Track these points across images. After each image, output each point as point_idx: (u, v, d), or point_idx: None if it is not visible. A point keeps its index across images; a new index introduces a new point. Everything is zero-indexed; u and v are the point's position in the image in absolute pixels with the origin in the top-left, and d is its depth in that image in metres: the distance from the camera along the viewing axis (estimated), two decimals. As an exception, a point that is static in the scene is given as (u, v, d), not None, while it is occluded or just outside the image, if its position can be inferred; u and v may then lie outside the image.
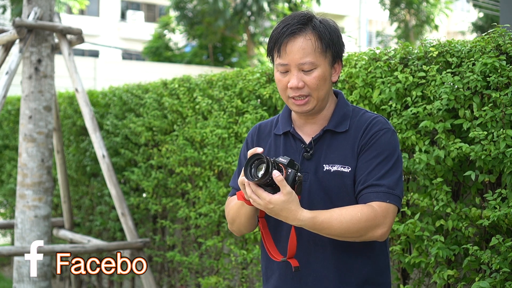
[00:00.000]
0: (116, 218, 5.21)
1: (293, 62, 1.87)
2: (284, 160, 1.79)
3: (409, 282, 2.93)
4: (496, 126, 2.41)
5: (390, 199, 1.84)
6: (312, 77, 1.88)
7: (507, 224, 2.40)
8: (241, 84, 3.82)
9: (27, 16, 4.75)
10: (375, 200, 1.83)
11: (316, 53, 1.87)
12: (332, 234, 1.81)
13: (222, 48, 21.23)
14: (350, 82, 3.06)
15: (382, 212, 1.82)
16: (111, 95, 5.38)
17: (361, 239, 1.84)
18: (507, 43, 2.45)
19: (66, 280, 5.82)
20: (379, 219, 1.82)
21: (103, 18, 30.28)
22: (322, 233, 1.81)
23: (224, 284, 4.01)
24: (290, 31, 1.87)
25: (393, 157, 1.89)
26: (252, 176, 1.76)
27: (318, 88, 1.89)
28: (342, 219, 1.79)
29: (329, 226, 1.79)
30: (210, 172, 4.08)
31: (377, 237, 1.84)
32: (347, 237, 1.82)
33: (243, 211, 1.95)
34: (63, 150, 5.27)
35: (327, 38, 1.88)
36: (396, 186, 1.86)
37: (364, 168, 1.87)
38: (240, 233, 2.08)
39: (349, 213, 1.80)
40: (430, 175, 2.67)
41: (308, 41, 1.87)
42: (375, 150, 1.88)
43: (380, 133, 1.90)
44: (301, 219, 1.77)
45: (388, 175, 1.86)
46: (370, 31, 31.94)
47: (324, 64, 1.89)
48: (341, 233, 1.80)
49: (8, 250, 4.23)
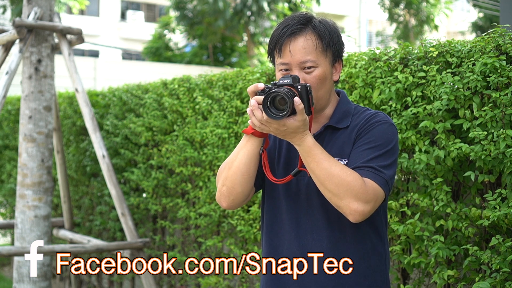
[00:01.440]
0: (116, 218, 5.21)
1: (294, 61, 1.89)
2: (287, 80, 1.79)
3: (409, 282, 2.93)
4: (496, 126, 2.41)
5: (377, 180, 1.81)
6: (312, 76, 1.89)
7: (507, 224, 2.40)
8: (241, 84, 3.82)
9: (27, 16, 4.75)
10: (364, 176, 1.81)
11: (317, 52, 1.89)
12: (316, 173, 1.79)
13: (222, 48, 21.24)
14: (350, 82, 3.07)
15: (368, 189, 1.78)
16: (111, 95, 5.38)
17: (336, 202, 1.79)
18: (507, 43, 2.45)
19: (66, 280, 5.82)
20: (362, 193, 1.77)
21: (103, 18, 30.28)
22: (309, 166, 1.80)
23: (224, 284, 4.01)
24: (291, 31, 1.89)
25: (386, 147, 1.87)
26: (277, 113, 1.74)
27: (319, 87, 1.90)
28: (333, 165, 1.78)
29: (318, 161, 1.78)
30: (210, 172, 4.08)
31: (352, 210, 1.77)
32: (326, 187, 1.78)
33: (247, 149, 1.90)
34: (63, 150, 5.26)
35: (327, 38, 1.91)
36: (387, 171, 1.83)
37: (354, 154, 1.87)
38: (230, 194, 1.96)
39: (341, 168, 1.78)
40: (430, 175, 2.67)
41: (309, 41, 1.89)
42: (368, 138, 1.88)
43: (376, 124, 1.90)
44: (304, 143, 1.79)
45: (378, 160, 1.84)
46: (370, 31, 31.95)
47: (324, 63, 1.91)
48: (324, 177, 1.78)
49: (8, 250, 4.23)
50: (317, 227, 1.91)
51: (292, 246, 1.94)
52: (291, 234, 1.94)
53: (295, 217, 1.95)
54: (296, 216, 1.94)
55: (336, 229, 1.90)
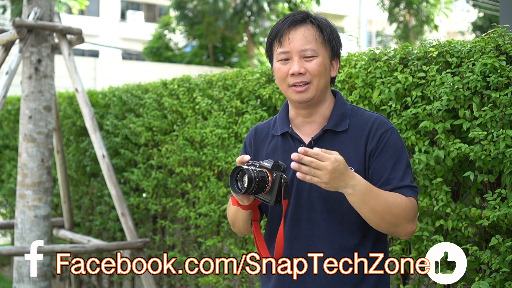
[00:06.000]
0: (116, 218, 5.22)
1: (294, 49, 1.89)
2: (268, 164, 1.80)
3: (409, 282, 2.93)
4: (496, 126, 2.41)
5: (415, 196, 1.88)
6: (313, 63, 1.90)
7: (507, 224, 2.40)
8: (241, 84, 3.82)
9: (27, 16, 4.76)
10: (409, 196, 1.86)
11: (317, 42, 1.90)
12: (374, 209, 1.78)
13: (222, 48, 21.23)
14: (350, 82, 3.06)
15: (413, 207, 1.86)
16: (111, 95, 5.38)
17: (391, 230, 1.84)
18: (507, 43, 2.45)
19: (66, 280, 5.82)
20: (413, 213, 1.85)
21: (103, 18, 30.27)
22: (366, 205, 1.77)
23: (224, 284, 4.01)
24: (292, 21, 1.91)
25: (404, 156, 1.92)
26: (239, 188, 1.78)
27: (319, 75, 1.90)
28: (387, 197, 1.80)
29: (377, 197, 1.77)
30: (210, 172, 4.08)
31: (408, 233, 1.85)
32: (384, 220, 1.80)
33: (240, 215, 1.98)
34: (63, 150, 5.27)
35: (328, 31, 1.93)
36: (414, 183, 1.91)
37: (381, 172, 1.88)
38: (241, 234, 2.12)
39: (392, 195, 1.82)
40: (430, 175, 2.67)
41: (310, 31, 1.91)
42: (387, 153, 1.90)
43: (387, 135, 1.92)
44: (358, 178, 1.75)
45: (406, 176, 1.89)
46: (370, 31, 31.93)
47: (324, 54, 1.92)
48: (383, 212, 1.78)
49: (8, 250, 4.23)
50: (318, 233, 1.91)
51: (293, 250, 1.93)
52: (291, 239, 1.94)
53: (296, 223, 1.94)
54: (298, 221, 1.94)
55: (338, 236, 1.90)
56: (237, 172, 1.79)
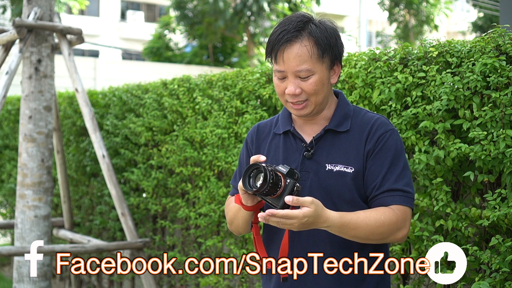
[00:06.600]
0: (116, 218, 5.22)
1: (289, 69, 1.87)
2: (284, 169, 1.78)
3: (409, 282, 2.93)
4: (496, 126, 2.41)
5: (406, 202, 1.88)
6: (309, 83, 1.88)
7: (507, 224, 2.40)
8: (241, 85, 3.82)
9: (27, 16, 4.75)
10: (393, 204, 1.87)
11: (312, 59, 1.86)
12: (357, 236, 1.83)
13: (222, 48, 21.23)
14: (350, 82, 3.06)
15: (401, 215, 1.86)
16: (111, 95, 5.38)
17: (383, 242, 1.88)
18: (507, 43, 2.45)
19: (66, 280, 5.82)
20: (400, 222, 1.86)
21: (103, 18, 30.28)
22: (347, 235, 1.82)
23: (224, 284, 4.01)
24: (286, 38, 1.86)
25: (402, 158, 1.92)
26: (250, 186, 1.77)
27: (315, 93, 1.89)
28: (367, 221, 1.82)
29: (355, 227, 1.81)
30: (210, 172, 4.08)
31: (399, 239, 1.88)
32: (370, 240, 1.85)
33: (241, 215, 1.97)
34: (63, 150, 5.27)
35: (324, 44, 1.87)
36: (410, 188, 1.91)
37: (377, 173, 1.89)
38: (238, 233, 2.10)
39: (373, 216, 1.83)
40: (430, 175, 2.67)
41: (304, 48, 1.86)
42: (384, 154, 1.90)
43: (386, 136, 1.92)
44: (331, 219, 1.77)
45: (400, 178, 1.89)
46: (370, 31, 31.94)
47: (321, 69, 1.89)
48: (366, 236, 1.83)
49: (8, 250, 4.23)
50: (318, 233, 1.90)
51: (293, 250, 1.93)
52: (291, 239, 1.93)
53: None
54: None
55: (338, 236, 1.89)
56: (253, 169, 1.77)
